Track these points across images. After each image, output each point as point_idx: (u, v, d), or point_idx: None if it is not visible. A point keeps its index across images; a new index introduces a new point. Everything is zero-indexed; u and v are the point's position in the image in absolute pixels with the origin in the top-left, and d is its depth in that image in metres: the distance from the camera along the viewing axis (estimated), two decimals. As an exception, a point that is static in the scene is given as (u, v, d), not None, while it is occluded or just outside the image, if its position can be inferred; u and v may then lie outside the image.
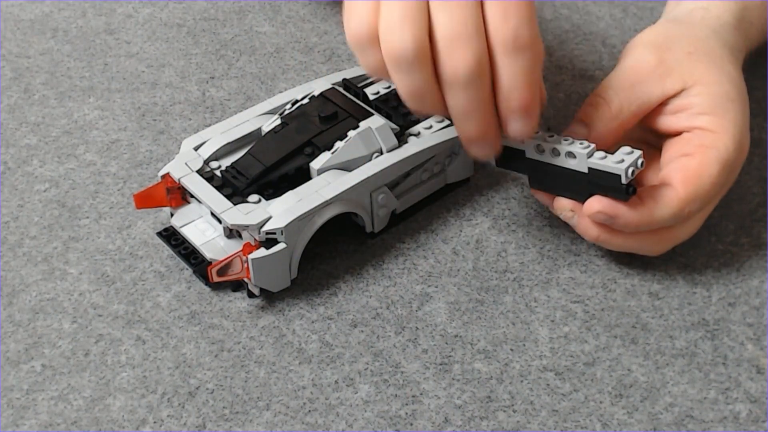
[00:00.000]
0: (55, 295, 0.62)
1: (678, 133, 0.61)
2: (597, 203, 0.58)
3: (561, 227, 0.64)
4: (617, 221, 0.58)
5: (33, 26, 0.84)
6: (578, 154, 0.58)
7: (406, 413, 0.55)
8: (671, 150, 0.61)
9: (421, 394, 0.56)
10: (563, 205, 0.60)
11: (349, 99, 0.66)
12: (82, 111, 0.75)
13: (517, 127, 0.57)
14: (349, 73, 0.69)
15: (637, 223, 0.58)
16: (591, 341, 0.58)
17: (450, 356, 0.58)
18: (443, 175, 0.66)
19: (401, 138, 0.64)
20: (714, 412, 0.55)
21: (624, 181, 0.57)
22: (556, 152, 0.59)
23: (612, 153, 0.58)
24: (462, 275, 0.62)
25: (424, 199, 0.66)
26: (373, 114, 0.64)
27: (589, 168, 0.58)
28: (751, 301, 0.60)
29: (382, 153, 0.63)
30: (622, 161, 0.57)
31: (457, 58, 0.53)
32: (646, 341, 0.58)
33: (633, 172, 0.57)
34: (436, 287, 0.61)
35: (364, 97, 0.67)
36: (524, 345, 0.58)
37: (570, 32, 0.63)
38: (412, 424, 0.54)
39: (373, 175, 0.61)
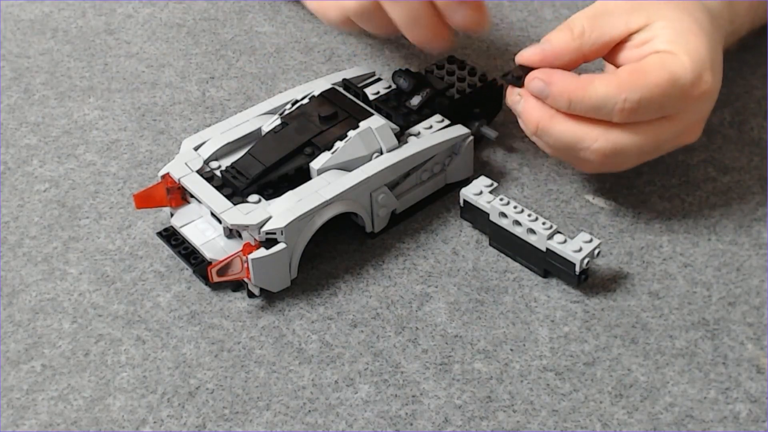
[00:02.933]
0: (55, 295, 0.62)
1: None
2: (535, 72, 0.60)
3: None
4: (553, 88, 0.59)
5: (33, 26, 0.84)
6: (538, 233, 0.59)
7: (406, 413, 0.55)
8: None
9: (421, 394, 0.56)
10: (513, 95, 0.62)
11: (349, 99, 0.66)
12: (82, 111, 0.75)
13: (459, 18, 0.62)
14: (349, 73, 0.69)
15: (571, 94, 0.58)
16: (591, 341, 0.58)
17: (450, 356, 0.58)
18: (443, 175, 0.66)
19: (401, 138, 0.64)
20: (714, 412, 0.55)
21: (577, 270, 0.59)
22: (517, 223, 0.60)
23: (572, 238, 0.60)
24: (462, 275, 0.62)
25: (424, 199, 0.66)
26: (373, 114, 0.64)
27: (547, 248, 0.59)
28: (751, 301, 0.60)
29: (382, 153, 0.63)
30: (579, 250, 0.59)
31: None
32: (646, 341, 0.58)
33: (587, 262, 0.59)
34: (436, 287, 0.61)
35: (364, 97, 0.67)
36: (524, 345, 0.58)
37: (570, 32, 0.63)
38: (412, 424, 0.54)
39: (373, 175, 0.61)
